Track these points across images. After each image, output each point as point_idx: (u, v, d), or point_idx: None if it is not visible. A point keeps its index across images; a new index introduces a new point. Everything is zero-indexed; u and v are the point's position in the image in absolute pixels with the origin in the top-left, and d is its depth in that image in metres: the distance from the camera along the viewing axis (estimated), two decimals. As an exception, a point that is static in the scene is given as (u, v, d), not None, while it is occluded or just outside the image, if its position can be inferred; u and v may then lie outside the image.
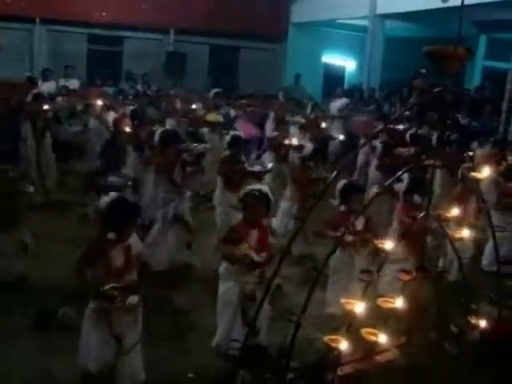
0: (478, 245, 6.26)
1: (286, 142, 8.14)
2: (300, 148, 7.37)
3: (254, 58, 17.75)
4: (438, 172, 7.07)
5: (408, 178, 5.49)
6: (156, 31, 16.52)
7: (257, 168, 6.83)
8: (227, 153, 6.78)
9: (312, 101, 13.18)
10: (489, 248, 6.45)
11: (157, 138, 6.50)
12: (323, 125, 11.13)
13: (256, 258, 4.24)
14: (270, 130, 10.97)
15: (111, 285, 3.61)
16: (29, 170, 8.30)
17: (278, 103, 12.57)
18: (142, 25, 15.83)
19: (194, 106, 11.08)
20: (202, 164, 8.26)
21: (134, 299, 3.70)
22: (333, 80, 18.11)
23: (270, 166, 6.72)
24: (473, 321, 3.43)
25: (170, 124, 10.66)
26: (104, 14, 15.74)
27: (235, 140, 6.80)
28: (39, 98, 8.86)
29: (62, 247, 6.09)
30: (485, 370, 3.88)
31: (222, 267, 4.59)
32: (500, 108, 11.54)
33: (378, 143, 8.27)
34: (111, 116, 10.20)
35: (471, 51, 2.79)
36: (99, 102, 10.29)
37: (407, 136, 8.64)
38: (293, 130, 10.28)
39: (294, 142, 7.98)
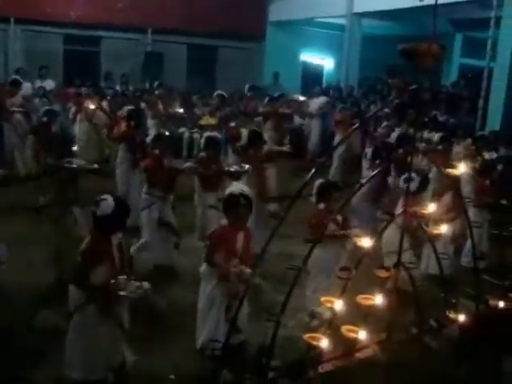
0: (457, 240, 6.34)
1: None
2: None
3: (232, 57, 17.73)
4: (434, 170, 7.15)
5: (419, 178, 5.52)
6: (133, 31, 16.36)
7: (234, 168, 6.78)
8: (203, 154, 6.74)
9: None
10: (468, 244, 6.52)
11: (150, 140, 6.60)
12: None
13: (247, 272, 4.18)
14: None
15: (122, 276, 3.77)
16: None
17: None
18: (119, 24, 15.68)
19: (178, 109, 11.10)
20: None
21: (146, 285, 3.83)
22: (311, 78, 18.19)
23: (247, 167, 6.70)
24: (451, 315, 3.47)
25: (151, 125, 10.64)
26: (80, 13, 15.55)
27: (211, 141, 6.75)
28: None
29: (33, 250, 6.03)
30: (464, 363, 3.94)
31: (204, 268, 4.58)
32: (476, 105, 11.71)
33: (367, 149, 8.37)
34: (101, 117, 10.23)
35: (445, 48, 2.81)
36: (91, 105, 10.22)
37: (393, 138, 8.71)
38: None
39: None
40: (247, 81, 16.03)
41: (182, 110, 11.45)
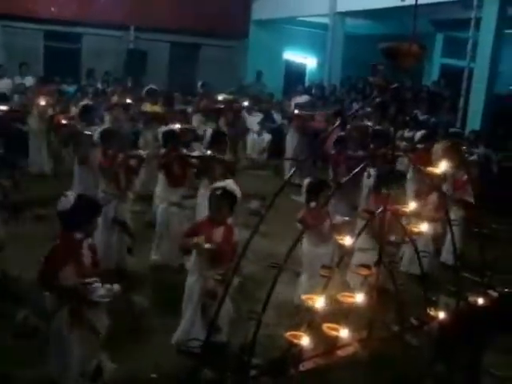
0: (438, 239, 6.39)
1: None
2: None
3: (215, 55, 17.69)
4: (411, 170, 7.19)
5: (376, 174, 5.58)
6: (116, 28, 16.23)
7: (195, 153, 6.65)
8: (163, 150, 6.57)
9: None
10: (448, 242, 6.58)
11: (97, 136, 6.36)
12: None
13: (206, 245, 4.24)
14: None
15: (92, 279, 3.61)
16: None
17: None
18: (100, 21, 15.52)
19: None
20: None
21: (117, 287, 3.70)
22: (294, 77, 18.23)
23: (209, 152, 6.62)
24: (432, 312, 3.50)
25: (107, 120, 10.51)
26: (61, 9, 15.38)
27: (168, 135, 6.59)
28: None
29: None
30: (443, 359, 3.99)
31: (191, 262, 4.57)
32: (457, 104, 11.83)
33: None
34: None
35: (425, 48, 2.83)
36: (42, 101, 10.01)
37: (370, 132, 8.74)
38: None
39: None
40: (230, 79, 16.06)
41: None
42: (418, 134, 8.30)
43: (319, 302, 2.70)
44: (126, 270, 5.96)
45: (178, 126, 7.30)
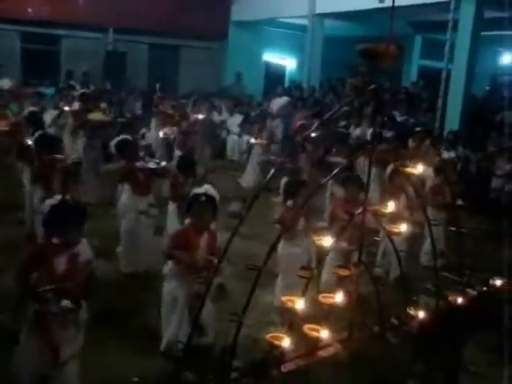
0: (416, 239, 6.44)
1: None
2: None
3: (195, 56, 17.65)
4: (374, 170, 7.21)
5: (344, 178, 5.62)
6: (94, 30, 16.11)
7: (151, 165, 6.56)
8: (125, 162, 6.38)
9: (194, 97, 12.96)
10: (427, 243, 6.64)
11: (33, 142, 6.24)
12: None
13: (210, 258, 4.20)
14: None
15: (47, 287, 3.47)
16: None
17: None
18: (79, 23, 15.41)
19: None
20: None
21: (67, 303, 3.53)
22: (274, 78, 18.25)
23: (163, 163, 6.60)
24: (412, 312, 3.53)
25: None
26: (39, 11, 15.22)
27: (124, 145, 6.43)
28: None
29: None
30: (424, 358, 4.02)
31: (167, 268, 4.52)
32: (435, 105, 11.95)
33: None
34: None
35: (403, 48, 2.85)
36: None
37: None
38: None
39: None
40: (210, 80, 16.05)
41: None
42: (389, 135, 8.37)
43: (299, 304, 2.70)
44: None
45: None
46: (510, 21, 11.65)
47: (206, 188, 4.64)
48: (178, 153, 8.99)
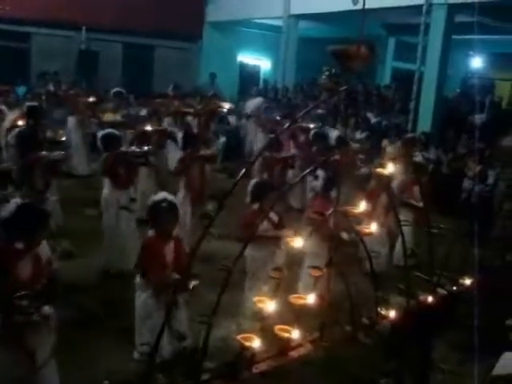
0: (391, 240, 6.52)
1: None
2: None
3: (169, 57, 17.55)
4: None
5: (324, 176, 5.64)
6: (66, 28, 15.89)
7: (131, 149, 6.65)
8: (107, 153, 6.44)
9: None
10: (400, 243, 6.71)
11: (12, 139, 6.20)
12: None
13: (193, 283, 4.10)
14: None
15: (22, 292, 3.37)
16: None
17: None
18: (50, 21, 15.19)
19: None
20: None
21: (47, 309, 3.48)
22: (248, 79, 18.27)
23: (146, 148, 6.64)
24: (383, 312, 3.55)
25: (72, 123, 10.33)
26: (8, 7, 14.92)
27: (110, 139, 6.43)
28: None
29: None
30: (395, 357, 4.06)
31: (138, 278, 4.45)
32: (408, 107, 12.09)
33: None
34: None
35: (374, 49, 2.86)
36: None
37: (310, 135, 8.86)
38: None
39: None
40: (184, 81, 15.95)
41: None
42: (359, 135, 8.44)
43: (270, 305, 2.70)
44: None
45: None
46: (480, 25, 11.90)
47: (164, 195, 4.54)
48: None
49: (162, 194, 4.58)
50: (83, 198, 8.13)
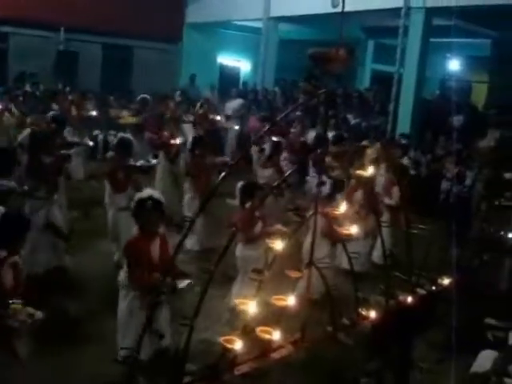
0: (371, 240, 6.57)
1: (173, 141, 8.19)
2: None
3: (149, 58, 17.43)
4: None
5: (331, 182, 5.65)
6: (45, 28, 15.69)
7: (140, 163, 6.73)
8: (113, 154, 6.59)
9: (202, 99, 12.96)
10: (379, 242, 6.76)
11: (26, 141, 6.28)
12: (216, 117, 11.25)
13: (181, 285, 4.08)
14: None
15: (14, 300, 3.37)
16: None
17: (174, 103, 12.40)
18: (28, 21, 14.96)
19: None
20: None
21: (39, 314, 3.47)
22: (228, 81, 18.25)
23: (154, 161, 6.68)
24: (363, 312, 3.59)
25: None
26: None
27: (123, 143, 6.55)
28: None
29: None
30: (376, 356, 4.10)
31: (122, 277, 4.42)
32: (387, 108, 12.20)
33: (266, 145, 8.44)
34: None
35: (353, 53, 2.90)
36: None
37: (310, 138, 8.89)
38: (187, 128, 10.28)
39: (178, 140, 8.18)
40: (164, 82, 15.89)
41: (95, 113, 11.10)
42: (331, 136, 8.46)
43: (252, 306, 2.71)
44: (65, 271, 5.87)
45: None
46: (457, 29, 12.07)
47: (150, 192, 4.51)
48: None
49: (148, 192, 4.52)
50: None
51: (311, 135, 10.46)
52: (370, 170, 3.23)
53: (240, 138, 12.73)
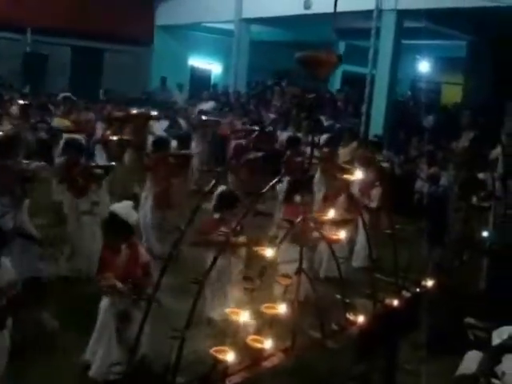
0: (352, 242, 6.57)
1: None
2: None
3: (119, 60, 17.24)
4: (318, 173, 7.30)
5: (288, 180, 5.63)
6: (11, 30, 15.36)
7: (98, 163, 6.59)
8: (63, 158, 6.37)
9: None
10: (359, 245, 6.78)
11: None
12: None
13: (120, 285, 4.09)
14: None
15: None
16: None
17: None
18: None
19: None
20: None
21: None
22: (199, 83, 18.16)
23: (112, 162, 6.65)
24: (351, 317, 3.55)
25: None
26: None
27: (71, 144, 6.36)
28: None
29: None
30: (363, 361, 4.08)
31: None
32: (360, 109, 12.29)
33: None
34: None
35: (341, 57, 2.87)
36: None
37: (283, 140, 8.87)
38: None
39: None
40: (134, 85, 15.74)
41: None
42: (322, 139, 8.47)
43: (243, 315, 2.65)
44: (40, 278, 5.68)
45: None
46: (427, 31, 12.24)
47: (125, 205, 4.49)
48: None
49: (121, 204, 4.50)
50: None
51: (283, 137, 10.50)
52: (357, 174, 3.20)
53: (213, 140, 12.65)
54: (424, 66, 16.30)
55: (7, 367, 3.74)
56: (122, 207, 4.47)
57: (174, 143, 12.19)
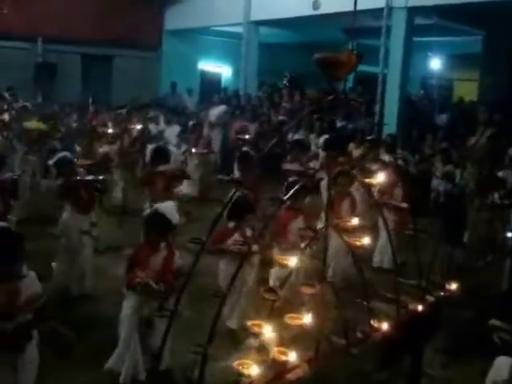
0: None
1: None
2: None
3: (129, 66, 17.23)
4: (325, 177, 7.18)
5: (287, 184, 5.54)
6: (22, 40, 15.41)
7: (90, 177, 6.37)
8: (51, 182, 6.41)
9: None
10: (379, 246, 6.68)
11: None
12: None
13: (155, 286, 4.05)
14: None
15: None
16: None
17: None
18: (5, 32, 14.69)
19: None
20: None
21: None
22: (209, 87, 18.10)
23: (101, 176, 6.52)
24: (375, 324, 3.47)
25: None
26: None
27: (63, 162, 6.16)
28: None
29: None
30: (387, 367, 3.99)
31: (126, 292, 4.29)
32: (372, 109, 12.16)
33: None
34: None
35: (362, 58, 2.79)
36: None
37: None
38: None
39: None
40: (144, 91, 15.72)
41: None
42: (321, 140, 8.35)
43: (266, 329, 2.57)
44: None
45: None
46: (438, 27, 12.09)
47: (169, 205, 4.54)
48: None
49: (164, 204, 4.56)
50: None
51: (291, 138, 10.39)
52: (379, 177, 3.11)
53: (224, 145, 12.60)
54: (436, 63, 16.12)
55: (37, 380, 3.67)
56: (167, 207, 4.56)
57: (184, 147, 12.35)
